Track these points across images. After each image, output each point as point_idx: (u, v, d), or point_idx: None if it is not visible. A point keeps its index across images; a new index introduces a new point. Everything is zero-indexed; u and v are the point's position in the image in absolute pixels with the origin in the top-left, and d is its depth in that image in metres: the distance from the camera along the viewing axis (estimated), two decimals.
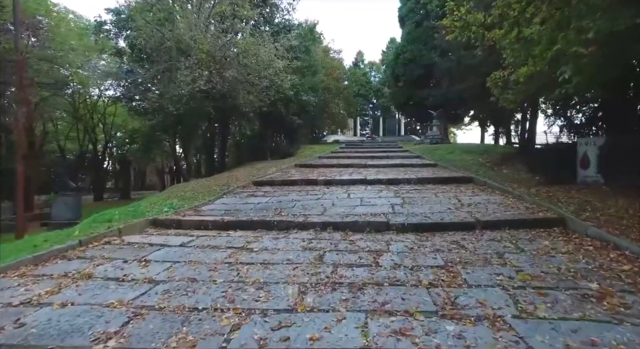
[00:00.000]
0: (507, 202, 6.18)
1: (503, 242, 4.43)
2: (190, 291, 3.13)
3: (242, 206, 7.02)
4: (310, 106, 17.07)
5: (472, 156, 13.08)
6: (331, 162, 13.19)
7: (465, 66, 9.96)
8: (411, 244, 4.47)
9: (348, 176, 9.80)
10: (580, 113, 11.98)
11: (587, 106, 11.48)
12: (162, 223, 5.82)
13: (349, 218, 5.56)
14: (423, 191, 7.62)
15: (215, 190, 8.83)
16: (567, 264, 3.54)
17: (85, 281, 3.40)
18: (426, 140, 21.56)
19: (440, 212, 5.68)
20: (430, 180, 8.77)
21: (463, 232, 4.95)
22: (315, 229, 5.34)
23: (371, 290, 3.08)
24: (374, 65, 45.21)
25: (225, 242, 4.75)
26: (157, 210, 6.86)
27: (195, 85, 10.04)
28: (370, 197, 7.13)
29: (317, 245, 4.52)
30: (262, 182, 9.48)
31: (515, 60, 7.21)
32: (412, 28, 24.27)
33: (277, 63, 12.49)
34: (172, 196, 8.41)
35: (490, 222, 5.08)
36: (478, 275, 3.35)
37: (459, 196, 6.85)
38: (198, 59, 10.25)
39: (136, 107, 15.00)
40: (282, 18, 17.05)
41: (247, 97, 12.23)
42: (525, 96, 7.20)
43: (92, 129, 24.73)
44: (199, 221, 5.75)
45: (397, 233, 5.05)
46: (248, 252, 4.31)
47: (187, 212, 6.61)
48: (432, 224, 5.17)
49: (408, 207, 6.12)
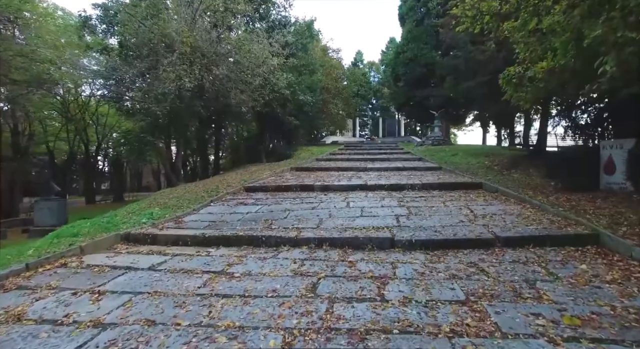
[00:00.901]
0: (525, 213, 5.48)
1: (530, 264, 3.73)
2: (143, 342, 2.42)
3: (229, 216, 6.31)
4: (307, 106, 16.36)
5: (478, 158, 12.41)
6: (329, 165, 12.50)
7: (473, 63, 9.29)
8: (421, 267, 3.78)
9: (347, 181, 9.10)
10: (585, 114, 11.35)
11: (593, 107, 10.84)
12: (135, 238, 5.11)
13: (348, 233, 4.86)
14: (429, 198, 6.93)
15: (202, 197, 8.12)
16: (620, 300, 2.84)
17: (10, 326, 2.68)
18: (427, 141, 20.88)
19: (451, 226, 4.99)
20: (436, 186, 8.08)
21: (480, 250, 4.26)
22: (310, 246, 4.65)
23: (377, 341, 2.37)
24: (373, 65, 44.63)
25: (202, 264, 4.04)
26: (134, 221, 6.15)
27: (181, 82, 9.30)
28: (372, 206, 6.43)
29: (311, 269, 3.81)
30: (254, 188, 8.77)
31: (531, 54, 6.52)
32: (412, 26, 23.66)
33: (272, 60, 11.77)
34: (155, 204, 7.70)
35: (512, 238, 4.38)
36: (511, 317, 2.64)
37: (470, 205, 6.15)
38: (182, 53, 9.48)
39: (123, 107, 14.27)
40: (279, 14, 16.35)
41: (240, 97, 11.49)
42: (544, 94, 6.51)
43: (83, 130, 23.98)
44: (176, 236, 5.03)
45: (403, 252, 4.36)
46: (227, 278, 3.61)
47: (166, 223, 5.89)
48: (443, 240, 4.47)
49: (414, 219, 5.41)
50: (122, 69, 11.38)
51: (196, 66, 9.89)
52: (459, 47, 10.31)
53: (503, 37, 6.48)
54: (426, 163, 12.34)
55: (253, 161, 17.05)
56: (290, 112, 15.94)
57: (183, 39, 9.10)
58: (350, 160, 13.93)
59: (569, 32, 5.20)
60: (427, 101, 22.34)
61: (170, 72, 9.23)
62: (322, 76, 21.55)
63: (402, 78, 24.15)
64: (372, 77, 43.31)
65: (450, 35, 11.33)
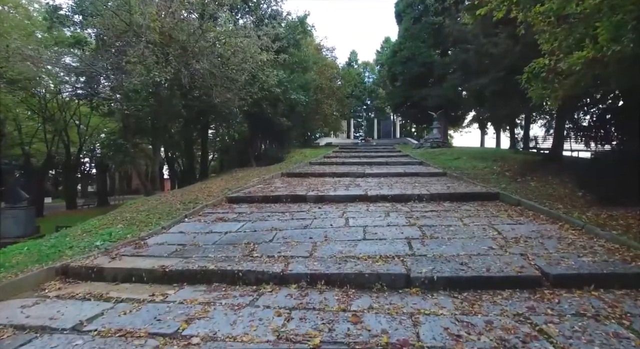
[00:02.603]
0: (567, 236, 4.46)
1: (606, 321, 2.69)
2: None
3: (203, 237, 5.21)
4: (300, 106, 15.27)
5: (484, 162, 11.44)
6: (323, 170, 11.45)
7: (486, 57, 8.31)
8: (452, 323, 2.74)
9: (344, 189, 8.05)
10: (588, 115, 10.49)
11: (597, 107, 9.98)
12: (75, 273, 3.97)
13: (350, 265, 3.79)
14: (443, 214, 5.88)
15: (177, 210, 7.00)
16: None
17: None
18: (426, 143, 19.90)
19: (480, 255, 3.94)
20: (446, 196, 7.06)
21: (525, 293, 3.23)
22: (300, 284, 3.57)
23: None
24: (368, 65, 43.74)
25: (152, 318, 2.94)
26: (85, 244, 5.01)
27: (150, 76, 8.12)
28: (376, 224, 5.36)
29: (301, 327, 2.74)
30: (238, 199, 7.67)
31: (561, 44, 5.54)
32: (409, 24, 22.78)
33: (261, 55, 10.65)
34: (119, 219, 6.56)
35: (565, 277, 3.34)
36: None
37: (494, 224, 5.12)
38: (151, 43, 8.28)
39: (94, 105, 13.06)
40: (270, 8, 15.24)
41: (225, 95, 10.35)
42: (579, 89, 5.50)
43: (63, 131, 22.60)
44: (128, 269, 3.91)
45: (423, 294, 3.31)
46: (182, 347, 2.52)
47: (123, 248, 4.76)
48: (474, 278, 3.42)
49: (431, 245, 4.36)
50: (98, 64, 10.21)
51: (172, 59, 8.72)
52: (469, 40, 9.35)
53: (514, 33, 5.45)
54: (429, 168, 11.35)
55: (243, 164, 15.96)
56: (282, 113, 14.85)
57: (150, 24, 7.90)
58: (346, 164, 12.89)
59: (621, 14, 4.22)
60: (425, 101, 21.45)
61: (137, 64, 8.05)
62: (316, 75, 20.50)
63: (399, 77, 23.25)
64: (366, 78, 42.45)
65: (458, 27, 10.35)
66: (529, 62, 6.03)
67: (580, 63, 4.96)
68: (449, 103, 21.12)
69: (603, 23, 4.59)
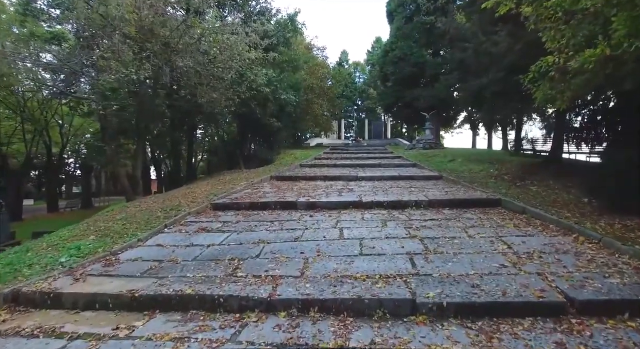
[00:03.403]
0: (585, 251, 4.06)
1: None
2: None
3: (183, 251, 4.69)
4: (290, 106, 14.78)
5: (481, 165, 11.12)
6: (315, 173, 10.99)
7: (485, 56, 7.94)
8: None
9: (337, 195, 7.59)
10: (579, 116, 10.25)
11: (588, 109, 9.74)
12: (28, 300, 3.43)
13: (346, 288, 3.32)
14: (444, 224, 5.46)
15: (158, 217, 6.47)
16: None
17: None
18: (419, 145, 19.61)
19: (492, 275, 3.51)
20: (446, 203, 6.66)
21: (548, 323, 2.82)
22: (290, 312, 3.09)
23: None
24: (359, 65, 43.42)
25: None
26: (48, 261, 4.46)
27: (126, 73, 7.52)
28: (374, 236, 4.91)
29: None
30: (224, 206, 7.15)
31: (569, 42, 5.17)
32: (402, 24, 22.47)
33: (250, 53, 10.13)
34: (92, 230, 5.99)
35: (594, 303, 2.93)
36: None
37: (502, 236, 4.71)
38: (126, 36, 7.69)
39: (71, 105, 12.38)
40: (259, 4, 14.71)
41: (211, 95, 9.80)
42: (590, 89, 5.14)
43: (45, 130, 21.69)
44: (92, 295, 3.38)
45: (432, 324, 2.87)
46: None
47: (91, 266, 4.22)
48: (490, 305, 2.98)
49: (436, 262, 3.92)
50: (74, 61, 9.57)
51: (151, 55, 8.12)
52: (467, 39, 8.99)
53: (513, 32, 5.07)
54: (424, 171, 10.98)
55: (233, 166, 15.42)
56: (272, 113, 14.34)
57: (126, 16, 7.30)
58: (338, 167, 12.46)
59: None
60: (417, 102, 21.15)
61: (111, 61, 7.45)
62: (307, 75, 20.06)
63: (391, 78, 22.93)
64: (357, 78, 42.14)
65: (455, 25, 9.98)
66: (531, 61, 5.66)
67: (593, 61, 4.59)
68: (441, 104, 20.87)
69: (619, 17, 4.23)
